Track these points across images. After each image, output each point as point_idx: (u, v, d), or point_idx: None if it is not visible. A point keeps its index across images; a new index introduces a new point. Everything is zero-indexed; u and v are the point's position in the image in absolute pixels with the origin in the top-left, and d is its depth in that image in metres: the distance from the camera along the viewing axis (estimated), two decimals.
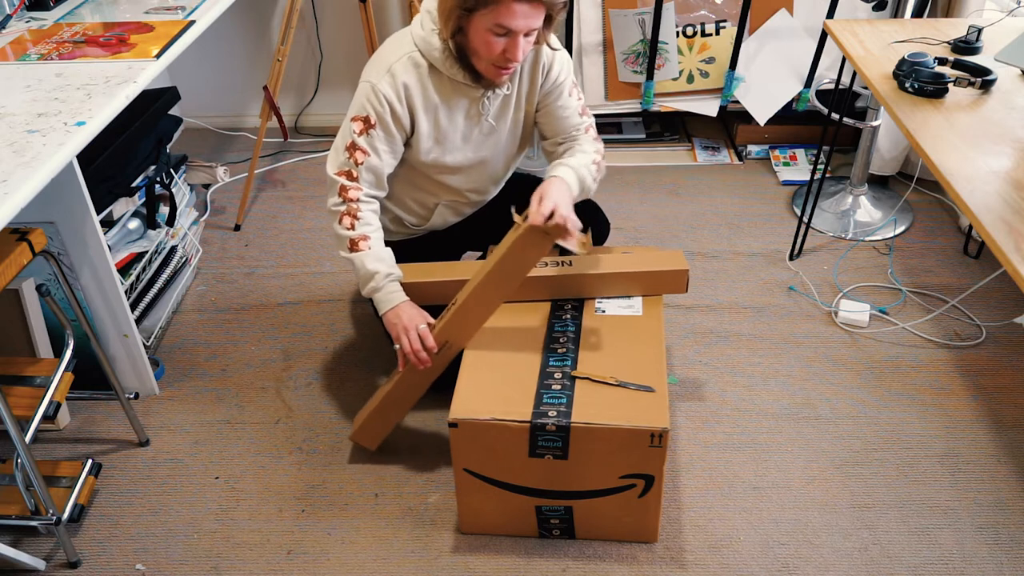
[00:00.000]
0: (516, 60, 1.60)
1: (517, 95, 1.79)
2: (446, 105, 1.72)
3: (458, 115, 1.74)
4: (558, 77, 1.79)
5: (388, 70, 1.65)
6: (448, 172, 1.83)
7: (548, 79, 1.79)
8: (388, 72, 1.65)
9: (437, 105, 1.71)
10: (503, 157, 1.89)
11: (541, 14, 1.56)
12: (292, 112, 3.40)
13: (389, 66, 1.66)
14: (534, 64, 1.76)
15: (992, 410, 1.99)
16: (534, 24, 1.57)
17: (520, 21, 1.54)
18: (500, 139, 1.83)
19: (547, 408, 1.55)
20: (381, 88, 1.65)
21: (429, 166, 1.80)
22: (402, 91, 1.66)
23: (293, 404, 2.08)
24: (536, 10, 1.54)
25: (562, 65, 1.80)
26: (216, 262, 2.61)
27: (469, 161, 1.83)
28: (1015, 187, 1.46)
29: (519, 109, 1.81)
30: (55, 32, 2.02)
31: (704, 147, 3.14)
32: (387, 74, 1.65)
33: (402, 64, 1.66)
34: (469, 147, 1.80)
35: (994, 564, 1.65)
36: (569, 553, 1.70)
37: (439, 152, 1.78)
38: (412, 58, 1.66)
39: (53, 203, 1.77)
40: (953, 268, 2.46)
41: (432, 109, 1.71)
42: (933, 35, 2.07)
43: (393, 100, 1.66)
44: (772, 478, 1.84)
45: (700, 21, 2.84)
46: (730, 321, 2.29)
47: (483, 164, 1.86)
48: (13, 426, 1.50)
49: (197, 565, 1.71)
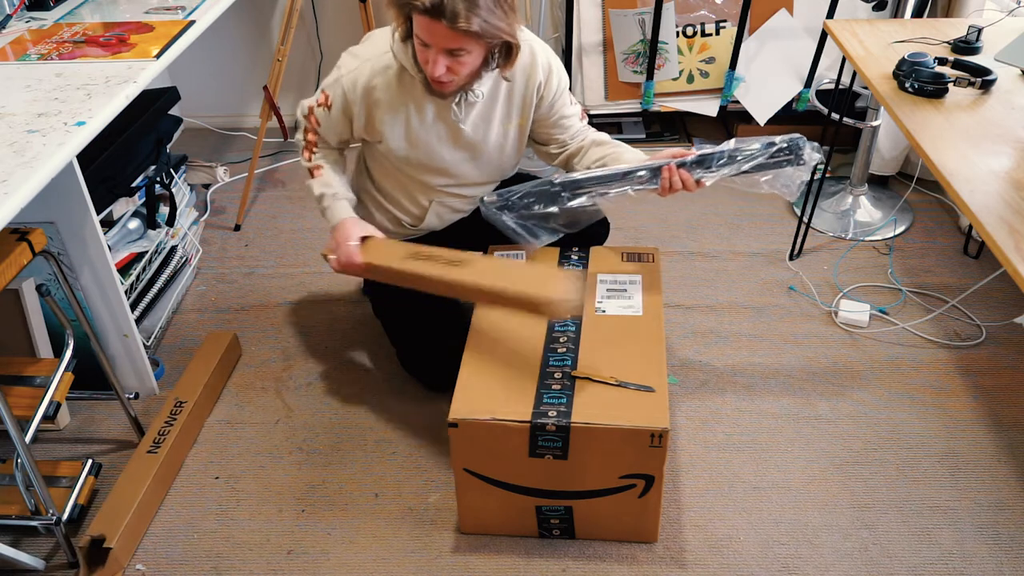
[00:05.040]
0: (433, 75, 1.58)
1: (507, 106, 1.80)
2: (416, 107, 1.75)
3: (430, 117, 1.76)
4: (557, 91, 1.81)
5: (355, 70, 1.73)
6: (430, 172, 1.86)
7: (544, 98, 1.81)
8: (354, 72, 1.73)
9: (407, 106, 1.74)
10: (494, 163, 1.89)
11: (456, 37, 1.51)
12: (292, 112, 3.39)
13: (358, 65, 1.73)
14: (528, 80, 1.77)
15: (992, 410, 1.99)
16: (446, 44, 1.53)
17: (428, 36, 1.54)
18: (485, 146, 1.84)
19: (547, 408, 1.55)
20: (344, 83, 1.74)
21: (408, 164, 1.84)
22: (361, 93, 1.73)
23: (293, 404, 2.08)
24: (444, 30, 1.49)
25: (558, 82, 1.81)
26: (216, 262, 2.61)
27: (449, 163, 1.84)
28: (1015, 187, 1.46)
29: (508, 120, 1.82)
30: (55, 32, 2.02)
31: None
32: (352, 74, 1.73)
33: (370, 66, 1.72)
34: (446, 149, 1.82)
35: (994, 564, 1.65)
36: (569, 553, 1.70)
37: (414, 152, 1.81)
38: (384, 59, 1.71)
39: (53, 203, 1.77)
40: (953, 268, 2.46)
41: (403, 110, 1.75)
42: (933, 35, 2.07)
43: (351, 97, 1.74)
44: (772, 478, 1.84)
45: (700, 21, 2.84)
46: (730, 321, 2.29)
47: (468, 166, 1.86)
48: (13, 426, 1.50)
49: (197, 565, 1.71)
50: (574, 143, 1.89)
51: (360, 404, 2.07)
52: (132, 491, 1.74)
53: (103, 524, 1.67)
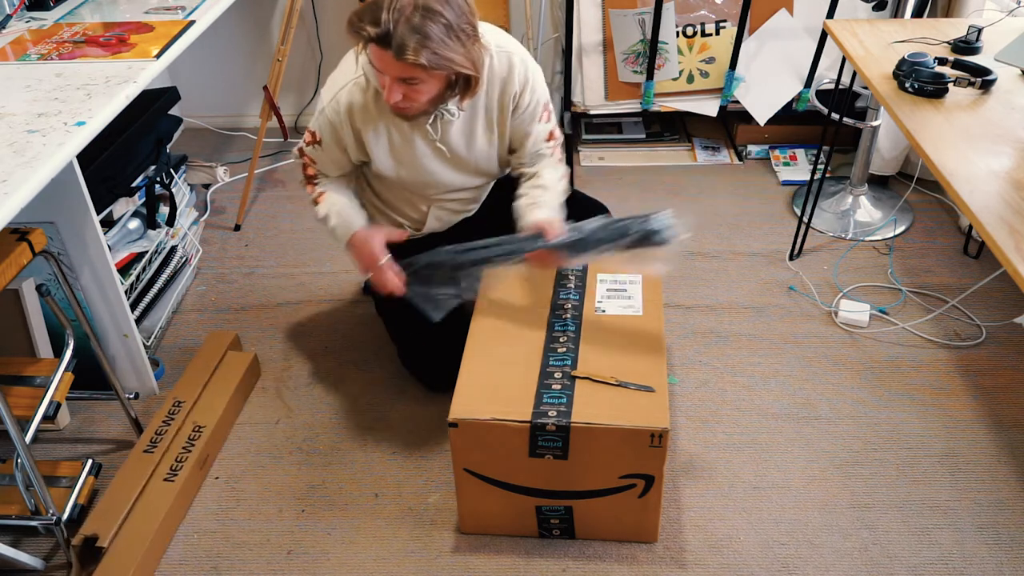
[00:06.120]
0: (388, 102, 1.57)
1: (487, 116, 1.78)
2: (395, 123, 1.74)
3: (410, 134, 1.76)
4: (529, 105, 1.78)
5: (335, 96, 1.73)
6: (421, 184, 1.86)
7: (519, 107, 1.78)
8: (334, 98, 1.73)
9: (387, 123, 1.74)
10: (484, 168, 1.88)
11: (405, 67, 1.49)
12: (292, 112, 3.40)
13: (336, 92, 1.73)
14: (504, 87, 1.75)
15: (992, 410, 1.99)
16: (398, 73, 1.51)
17: (379, 64, 1.53)
18: (471, 157, 1.83)
19: (547, 408, 1.55)
20: (327, 112, 1.74)
21: (400, 180, 1.85)
22: (345, 115, 1.72)
23: (293, 404, 2.08)
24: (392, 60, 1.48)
25: (533, 93, 1.78)
26: (216, 262, 2.61)
27: (438, 175, 1.84)
28: (1015, 187, 1.46)
29: (490, 132, 1.81)
30: (55, 32, 2.02)
31: (704, 147, 3.14)
32: (333, 100, 1.73)
33: (347, 90, 1.72)
34: (431, 163, 1.81)
35: (994, 564, 1.65)
36: (569, 553, 1.70)
37: (402, 168, 1.81)
38: (358, 83, 1.71)
39: (53, 203, 1.77)
40: (953, 268, 2.46)
41: (383, 128, 1.75)
42: (933, 35, 2.07)
43: (336, 123, 1.74)
44: (772, 478, 1.84)
45: (700, 21, 2.84)
46: (730, 321, 2.29)
47: (458, 176, 1.86)
48: (13, 426, 1.50)
49: (197, 565, 1.71)
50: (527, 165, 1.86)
51: (360, 404, 2.07)
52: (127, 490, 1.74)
53: (97, 523, 1.67)
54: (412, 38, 1.44)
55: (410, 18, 1.44)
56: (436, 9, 1.46)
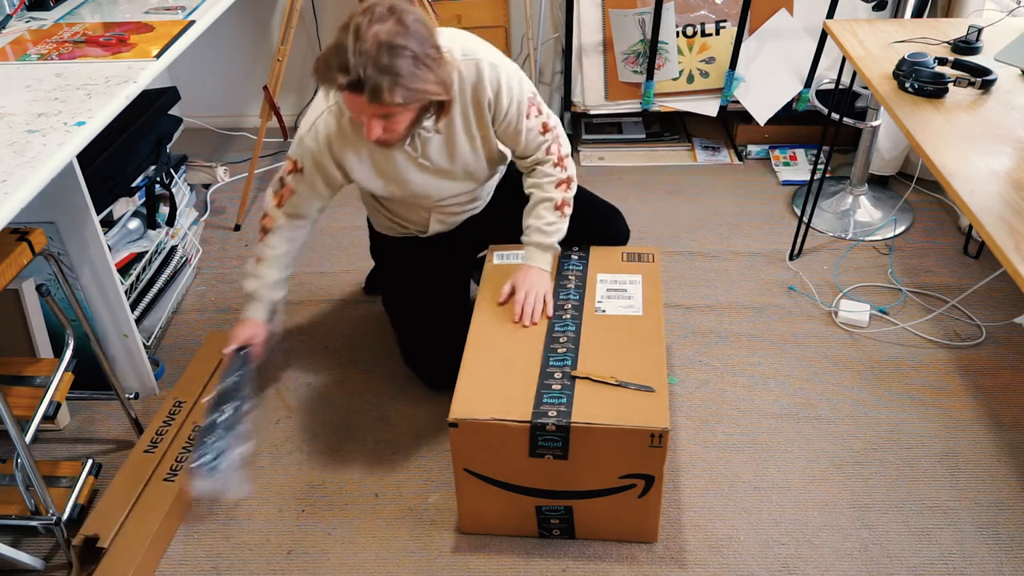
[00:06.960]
0: (370, 139, 1.56)
1: (465, 122, 1.75)
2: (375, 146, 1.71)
3: (392, 153, 1.75)
4: (509, 108, 1.73)
5: (312, 124, 1.74)
6: (413, 196, 1.86)
7: (498, 113, 1.74)
8: (312, 127, 1.74)
9: (368, 147, 1.74)
10: (474, 178, 1.87)
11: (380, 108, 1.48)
12: (292, 112, 3.40)
13: (313, 121, 1.74)
14: (476, 95, 1.70)
15: (992, 410, 1.99)
16: (372, 112, 1.51)
17: (354, 108, 1.53)
18: (456, 165, 1.82)
19: (547, 408, 1.55)
20: (307, 141, 1.75)
21: (392, 197, 1.86)
22: (324, 144, 1.73)
23: (293, 404, 2.08)
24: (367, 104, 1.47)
25: (510, 93, 1.72)
26: (216, 262, 2.61)
27: (428, 186, 1.83)
28: (1015, 187, 1.46)
29: (470, 137, 1.78)
30: (55, 32, 2.02)
31: (704, 147, 3.14)
32: (311, 130, 1.74)
33: (324, 119, 1.72)
34: (417, 176, 1.81)
35: (994, 564, 1.65)
36: (569, 553, 1.70)
37: (389, 185, 1.82)
38: (332, 110, 1.71)
39: (53, 203, 1.77)
40: (953, 268, 2.46)
41: (365, 151, 1.75)
42: (933, 35, 2.07)
43: (317, 153, 1.75)
44: (772, 478, 1.84)
45: (700, 21, 2.84)
46: (730, 321, 2.29)
47: (449, 184, 1.85)
48: (13, 426, 1.50)
49: (197, 565, 1.71)
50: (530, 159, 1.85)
51: (360, 404, 2.07)
52: (127, 490, 1.74)
53: (97, 523, 1.67)
54: (384, 80, 1.43)
55: (377, 59, 1.42)
56: (400, 44, 1.44)
